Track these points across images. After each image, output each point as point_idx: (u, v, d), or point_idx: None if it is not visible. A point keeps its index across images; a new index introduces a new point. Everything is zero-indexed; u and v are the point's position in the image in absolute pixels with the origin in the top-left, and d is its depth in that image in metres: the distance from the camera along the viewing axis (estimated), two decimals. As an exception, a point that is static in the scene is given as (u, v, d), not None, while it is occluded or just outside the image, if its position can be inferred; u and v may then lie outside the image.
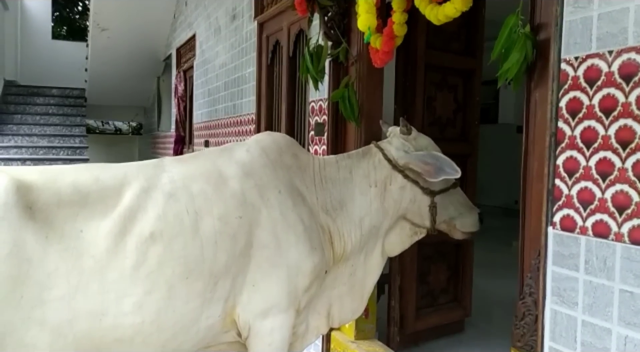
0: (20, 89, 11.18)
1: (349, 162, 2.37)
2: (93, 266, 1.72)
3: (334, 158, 2.41)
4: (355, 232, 2.28)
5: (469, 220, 2.44)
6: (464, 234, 2.47)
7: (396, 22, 2.75)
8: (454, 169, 2.22)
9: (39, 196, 1.72)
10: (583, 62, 1.80)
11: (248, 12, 5.08)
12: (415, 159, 2.27)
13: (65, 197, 1.76)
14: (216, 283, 1.92)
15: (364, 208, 2.30)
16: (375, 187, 2.32)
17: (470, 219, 2.44)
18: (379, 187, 2.32)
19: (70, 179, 1.82)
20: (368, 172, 2.34)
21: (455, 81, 3.69)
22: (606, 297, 1.72)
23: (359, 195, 2.30)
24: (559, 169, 1.88)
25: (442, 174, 2.23)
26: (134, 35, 9.49)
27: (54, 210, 1.72)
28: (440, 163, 2.24)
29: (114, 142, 15.20)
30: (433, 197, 2.31)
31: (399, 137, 2.40)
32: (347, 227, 2.27)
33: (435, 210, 2.32)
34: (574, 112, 1.83)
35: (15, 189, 1.67)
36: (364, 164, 2.36)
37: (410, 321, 3.46)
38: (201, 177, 2.01)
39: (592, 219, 1.76)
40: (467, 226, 2.45)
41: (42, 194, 1.73)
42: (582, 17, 1.81)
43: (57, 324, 1.68)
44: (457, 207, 2.41)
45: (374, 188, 2.32)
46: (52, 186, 1.77)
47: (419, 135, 2.44)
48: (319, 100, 3.59)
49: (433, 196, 2.32)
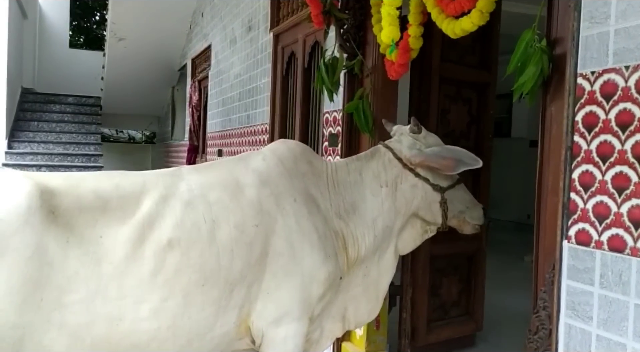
0: (37, 97, 11.33)
1: (359, 164, 2.38)
2: (112, 272, 1.74)
3: (344, 161, 2.43)
4: (369, 234, 2.28)
5: (476, 213, 2.48)
6: (473, 227, 2.50)
7: (412, 35, 2.78)
8: (473, 159, 2.27)
9: (62, 201, 1.75)
10: (599, 77, 1.81)
11: (264, 24, 5.13)
12: (432, 156, 2.30)
13: (86, 203, 1.79)
14: (232, 291, 1.93)
15: (376, 209, 2.31)
16: (387, 187, 2.33)
17: (478, 212, 2.49)
18: (390, 187, 2.33)
19: (92, 185, 1.85)
20: (378, 173, 2.35)
21: (469, 94, 3.70)
22: (621, 312, 1.71)
23: (370, 196, 2.31)
24: (575, 183, 1.88)
25: (462, 166, 2.27)
26: (150, 45, 9.61)
27: (75, 215, 1.75)
28: (458, 155, 2.28)
29: (128, 151, 15.32)
30: (443, 193, 2.34)
31: (409, 136, 2.40)
32: (361, 230, 2.27)
33: (446, 205, 2.34)
34: (590, 126, 1.83)
35: (40, 194, 1.70)
36: (374, 165, 2.37)
37: (422, 333, 3.44)
38: (218, 186, 2.03)
39: (607, 233, 1.76)
40: (476, 219, 2.48)
41: (64, 199, 1.76)
42: (598, 32, 1.82)
43: (75, 327, 1.70)
44: (464, 202, 2.45)
45: (385, 188, 2.33)
46: (74, 191, 1.80)
47: (428, 134, 2.45)
48: (333, 112, 3.62)
49: (443, 192, 2.34)
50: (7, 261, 1.60)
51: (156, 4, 8.41)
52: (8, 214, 1.63)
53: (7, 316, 1.60)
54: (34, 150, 9.68)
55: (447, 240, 3.56)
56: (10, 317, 1.61)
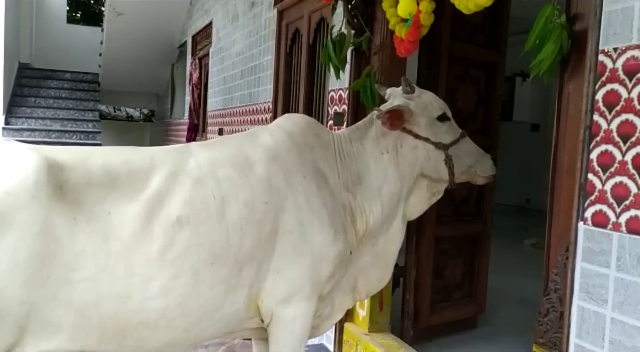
0: (34, 72, 11.18)
1: (358, 133, 2.35)
2: (120, 249, 1.71)
3: (346, 132, 2.39)
4: (376, 204, 2.25)
5: (486, 164, 2.44)
6: (485, 178, 2.46)
7: (424, 11, 2.69)
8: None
9: (70, 176, 1.71)
10: (622, 54, 1.75)
11: (267, 0, 5.03)
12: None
13: (95, 178, 1.75)
14: (241, 269, 1.90)
15: (381, 177, 2.27)
16: (387, 153, 2.29)
17: (487, 163, 2.44)
18: (390, 153, 2.28)
19: (101, 160, 1.81)
20: (377, 140, 2.30)
21: (477, 74, 3.63)
22: (638, 295, 1.68)
23: (373, 165, 2.28)
24: (593, 163, 1.84)
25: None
26: (150, 21, 9.46)
27: (83, 191, 1.71)
28: None
29: (126, 129, 15.20)
30: (447, 150, 2.29)
31: (402, 97, 2.34)
32: (368, 200, 2.24)
33: (451, 162, 2.29)
34: (611, 105, 1.78)
35: (47, 168, 1.66)
36: (372, 133, 2.32)
37: (425, 315, 3.42)
38: (227, 162, 1.99)
39: (626, 214, 1.72)
40: (487, 170, 2.44)
41: (72, 174, 1.72)
42: (623, 7, 1.75)
43: (82, 305, 1.67)
44: (471, 155, 2.40)
45: (387, 154, 2.29)
46: (82, 166, 1.76)
47: (422, 92, 2.38)
48: (339, 90, 3.55)
49: (446, 149, 2.29)
50: (13, 236, 1.56)
51: (156, -22, 8.28)
52: (15, 188, 1.58)
53: (13, 292, 1.57)
54: (31, 126, 9.58)
55: (451, 222, 3.55)
56: (17, 293, 1.57)
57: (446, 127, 2.33)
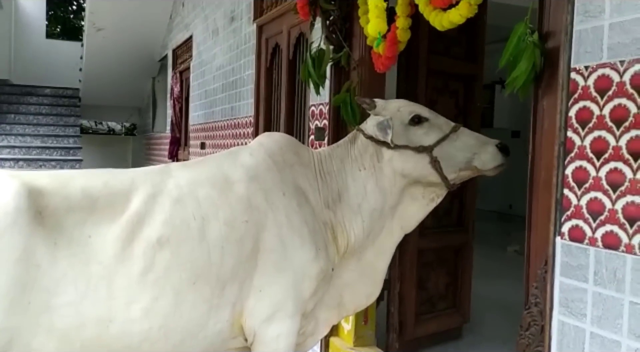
0: (14, 89, 11.09)
1: (339, 151, 2.33)
2: (101, 272, 1.71)
3: (327, 149, 2.38)
4: (356, 220, 2.22)
5: (486, 156, 2.16)
6: (492, 170, 2.20)
7: (400, 27, 2.73)
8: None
9: (50, 201, 1.71)
10: (594, 72, 1.79)
11: (247, 14, 5.05)
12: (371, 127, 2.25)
13: (74, 202, 1.75)
14: (223, 288, 1.90)
15: (359, 194, 2.23)
16: (365, 169, 2.24)
17: (487, 154, 2.16)
18: (368, 169, 2.24)
19: (80, 184, 1.82)
20: (356, 157, 2.28)
21: (456, 86, 3.67)
22: (616, 309, 1.70)
23: (351, 182, 2.25)
24: (568, 178, 1.87)
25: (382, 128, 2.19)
26: (130, 36, 9.42)
27: (63, 215, 1.72)
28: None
29: (107, 143, 15.05)
30: (431, 151, 2.15)
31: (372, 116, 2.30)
32: (348, 217, 2.22)
33: (438, 164, 2.14)
34: (584, 121, 1.81)
35: (27, 194, 1.67)
36: (353, 151, 2.30)
37: (410, 327, 3.43)
38: (207, 182, 2.00)
39: (601, 229, 1.75)
40: (489, 163, 2.17)
41: (52, 199, 1.73)
42: (592, 26, 1.79)
43: (64, 330, 1.67)
44: (467, 149, 2.17)
45: (364, 171, 2.24)
46: (62, 191, 1.76)
47: (389, 102, 2.33)
48: (320, 105, 3.57)
49: (430, 150, 2.15)
50: None
51: (136, -7, 8.25)
52: None
53: None
54: (10, 143, 9.49)
55: (434, 233, 3.58)
56: None
57: (424, 128, 2.20)
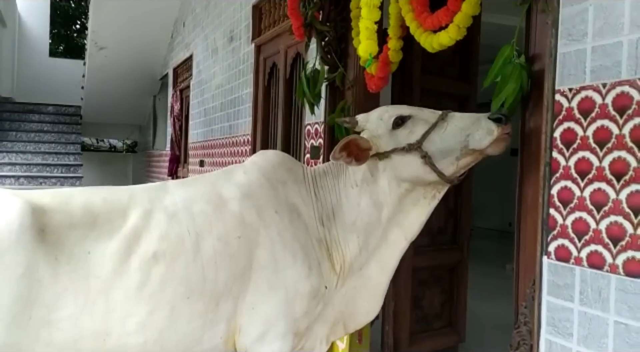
0: (16, 106, 11.18)
1: (334, 168, 2.31)
2: (99, 286, 1.75)
3: (323, 167, 2.36)
4: (351, 237, 2.19)
5: (480, 133, 1.93)
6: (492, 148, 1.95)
7: (392, 48, 2.78)
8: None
9: (51, 219, 1.77)
10: (577, 94, 1.82)
11: (245, 35, 5.12)
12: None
13: (75, 219, 1.80)
14: (217, 303, 1.92)
15: (353, 211, 2.19)
16: (357, 186, 2.19)
17: (481, 131, 1.93)
18: (360, 186, 2.18)
19: (81, 201, 1.87)
20: (349, 175, 2.25)
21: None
22: (601, 329, 1.72)
23: (345, 199, 2.22)
24: (554, 198, 1.89)
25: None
26: (131, 54, 9.53)
27: (64, 232, 1.77)
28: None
29: (108, 160, 15.12)
30: (420, 147, 2.00)
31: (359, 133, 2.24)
32: (343, 234, 2.20)
33: (430, 159, 1.99)
34: (569, 142, 1.84)
35: (30, 212, 1.72)
36: (348, 167, 2.23)
37: (404, 346, 3.43)
38: (202, 199, 2.04)
39: (586, 249, 1.77)
40: (484, 140, 1.92)
41: (54, 216, 1.78)
42: (576, 49, 1.83)
43: (62, 344, 1.71)
44: (460, 133, 1.97)
45: (356, 188, 2.19)
46: (64, 208, 1.82)
47: (369, 114, 2.23)
48: (315, 124, 3.61)
49: (418, 147, 2.00)
50: None
51: (137, 13, 8.35)
52: (0, 233, 1.65)
53: None
54: (12, 160, 9.53)
55: (429, 252, 3.59)
56: (0, 335, 1.61)
57: (408, 127, 2.06)
